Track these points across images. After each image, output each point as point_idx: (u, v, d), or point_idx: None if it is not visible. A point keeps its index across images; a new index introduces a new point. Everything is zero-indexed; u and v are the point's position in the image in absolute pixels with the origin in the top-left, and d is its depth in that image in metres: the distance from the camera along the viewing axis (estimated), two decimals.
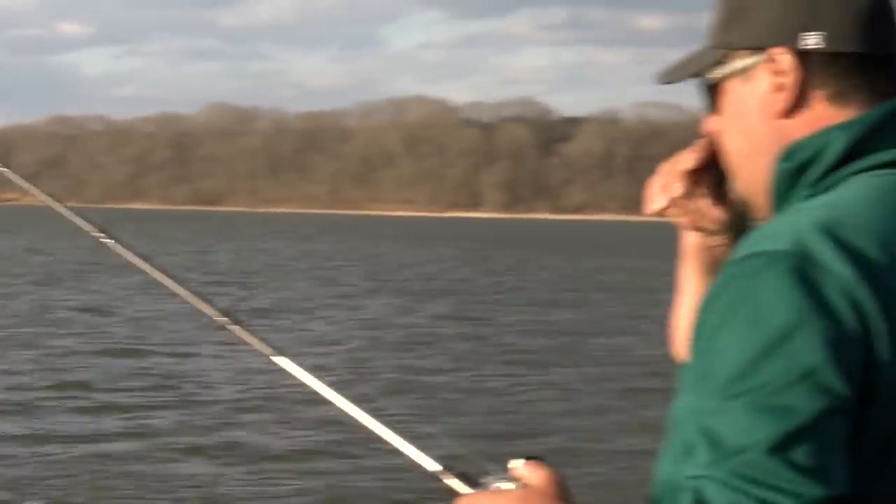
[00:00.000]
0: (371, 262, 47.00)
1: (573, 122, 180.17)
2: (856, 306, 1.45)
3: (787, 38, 1.63)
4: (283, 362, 2.11)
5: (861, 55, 1.62)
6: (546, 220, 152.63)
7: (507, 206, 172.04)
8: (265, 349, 2.14)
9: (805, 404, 1.41)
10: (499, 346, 20.52)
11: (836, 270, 1.46)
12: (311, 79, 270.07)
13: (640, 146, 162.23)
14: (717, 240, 1.90)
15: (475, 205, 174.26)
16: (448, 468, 1.85)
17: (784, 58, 1.62)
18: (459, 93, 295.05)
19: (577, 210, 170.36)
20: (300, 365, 2.12)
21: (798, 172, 1.62)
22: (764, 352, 1.43)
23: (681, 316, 1.95)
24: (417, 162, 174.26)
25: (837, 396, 1.42)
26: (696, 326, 1.52)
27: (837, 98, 1.63)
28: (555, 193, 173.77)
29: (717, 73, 1.69)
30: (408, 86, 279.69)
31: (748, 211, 1.75)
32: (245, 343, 2.19)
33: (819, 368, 1.42)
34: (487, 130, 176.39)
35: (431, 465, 1.88)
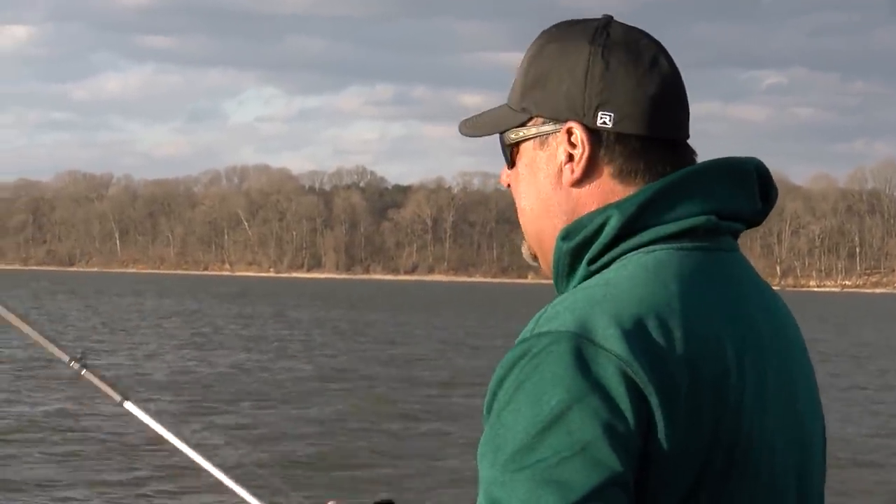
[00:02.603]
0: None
1: (404, 190, 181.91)
2: (631, 383, 1.48)
3: (583, 114, 1.65)
4: (131, 407, 2.27)
5: (646, 137, 1.65)
6: (381, 281, 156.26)
7: (346, 268, 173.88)
8: (115, 395, 2.28)
9: (582, 478, 1.44)
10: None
11: (614, 349, 1.48)
12: (157, 148, 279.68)
13: (465, 212, 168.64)
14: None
15: (315, 266, 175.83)
16: None
17: (578, 132, 1.64)
18: (297, 162, 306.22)
19: (409, 271, 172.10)
20: (145, 410, 2.26)
21: (579, 249, 1.63)
22: (543, 428, 1.46)
23: None
24: (260, 226, 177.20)
25: (612, 470, 1.45)
26: (489, 399, 1.54)
27: (622, 175, 1.65)
28: (389, 256, 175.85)
29: (516, 134, 1.70)
30: (249, 156, 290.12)
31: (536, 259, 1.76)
32: (96, 388, 2.26)
33: (593, 444, 1.45)
34: (325, 197, 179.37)
35: None
